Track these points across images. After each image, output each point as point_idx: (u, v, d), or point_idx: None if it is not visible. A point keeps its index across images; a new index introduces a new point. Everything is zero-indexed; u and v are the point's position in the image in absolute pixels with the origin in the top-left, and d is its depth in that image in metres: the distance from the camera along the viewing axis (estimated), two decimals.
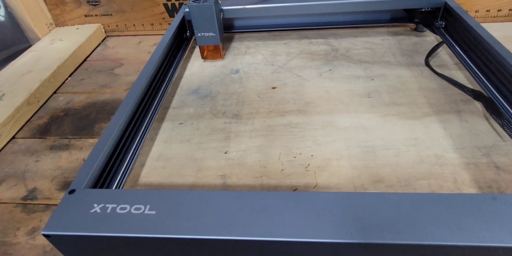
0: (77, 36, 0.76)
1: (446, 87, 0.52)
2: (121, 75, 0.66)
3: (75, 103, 0.59)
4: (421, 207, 0.26)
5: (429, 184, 0.37)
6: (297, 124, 0.47)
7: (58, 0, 0.77)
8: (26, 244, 0.37)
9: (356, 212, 0.27)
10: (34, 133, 0.53)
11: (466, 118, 0.45)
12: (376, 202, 0.27)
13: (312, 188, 0.38)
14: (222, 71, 0.61)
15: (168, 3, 0.75)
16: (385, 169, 0.40)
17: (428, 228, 0.25)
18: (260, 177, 0.40)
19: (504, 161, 0.39)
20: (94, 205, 0.29)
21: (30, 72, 0.63)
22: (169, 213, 0.27)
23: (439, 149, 0.41)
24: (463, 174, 0.38)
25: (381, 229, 0.25)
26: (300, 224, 0.26)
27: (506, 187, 0.36)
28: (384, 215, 0.26)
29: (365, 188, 0.38)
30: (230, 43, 0.70)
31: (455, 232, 0.24)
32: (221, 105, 0.53)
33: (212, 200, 0.28)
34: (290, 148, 0.44)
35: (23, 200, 0.42)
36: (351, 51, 0.63)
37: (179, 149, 0.45)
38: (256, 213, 0.27)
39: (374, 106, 0.49)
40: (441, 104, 0.48)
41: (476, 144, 0.41)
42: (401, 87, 0.53)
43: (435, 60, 0.59)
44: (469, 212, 0.26)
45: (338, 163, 0.41)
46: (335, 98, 0.52)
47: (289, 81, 0.56)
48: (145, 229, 0.26)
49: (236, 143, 0.45)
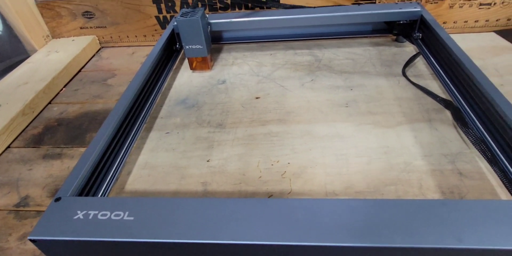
0: (73, 47, 0.79)
1: (421, 96, 0.54)
2: (114, 85, 0.69)
3: (68, 113, 0.62)
4: (377, 212, 0.29)
5: (396, 189, 0.40)
6: (277, 133, 0.50)
7: (55, 13, 0.80)
8: (17, 249, 0.39)
9: (318, 217, 0.29)
10: (28, 142, 0.55)
11: (436, 127, 0.48)
12: (337, 208, 0.30)
13: (286, 194, 0.41)
14: (210, 82, 0.64)
15: (160, 15, 0.78)
16: (356, 176, 0.42)
17: (381, 231, 0.27)
18: (239, 184, 0.42)
19: (468, 167, 0.41)
20: (77, 212, 0.31)
21: (26, 84, 0.66)
22: (146, 219, 0.30)
23: (408, 157, 0.44)
24: (429, 180, 0.40)
25: (337, 232, 0.27)
26: (269, 228, 0.28)
27: (467, 192, 0.38)
28: (342, 220, 0.29)
29: (336, 194, 0.40)
30: (219, 54, 0.73)
31: (405, 235, 0.27)
32: (207, 115, 0.55)
33: (186, 206, 0.31)
34: (268, 156, 0.46)
35: (16, 207, 0.44)
36: (333, 62, 0.66)
37: (164, 157, 0.48)
38: (227, 218, 0.30)
39: (351, 115, 0.52)
40: (414, 113, 0.51)
41: (443, 151, 0.44)
42: (378, 96, 0.55)
43: (413, 70, 0.61)
44: (420, 216, 0.28)
45: (312, 170, 0.43)
46: (315, 108, 0.54)
47: (272, 91, 0.59)
48: (123, 234, 0.29)
49: (218, 152, 0.48)
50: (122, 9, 0.77)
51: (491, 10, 0.71)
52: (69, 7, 0.78)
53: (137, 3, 0.76)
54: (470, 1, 0.70)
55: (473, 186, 0.39)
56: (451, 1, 0.70)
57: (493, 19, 0.72)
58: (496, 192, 0.38)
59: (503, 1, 0.69)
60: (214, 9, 0.76)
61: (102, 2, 0.77)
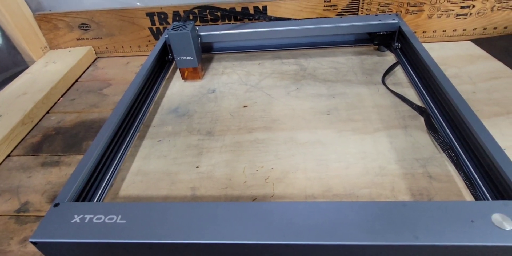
0: (70, 58, 0.82)
1: (398, 104, 0.58)
2: (109, 95, 0.72)
3: (66, 122, 0.65)
4: (345, 213, 0.32)
5: (370, 192, 0.43)
6: (262, 140, 0.53)
7: (52, 26, 0.83)
8: (18, 251, 0.42)
9: (294, 218, 0.32)
10: (28, 151, 0.58)
11: (411, 133, 0.51)
12: (311, 210, 0.33)
13: (269, 198, 0.44)
14: (200, 91, 0.67)
15: (153, 27, 0.81)
16: (335, 180, 0.45)
17: (348, 230, 0.30)
18: (225, 189, 0.46)
19: (437, 171, 0.45)
20: (74, 216, 0.34)
21: (25, 94, 0.69)
22: (137, 222, 0.33)
23: (383, 161, 0.47)
24: (401, 183, 0.44)
25: (309, 232, 0.31)
26: (251, 229, 0.31)
27: (435, 194, 0.42)
28: (314, 220, 0.32)
29: (315, 197, 0.43)
30: (210, 64, 0.76)
31: (367, 233, 0.30)
32: (197, 123, 0.58)
33: (174, 210, 0.34)
34: (254, 162, 0.49)
35: (17, 212, 0.47)
36: (317, 71, 0.69)
37: (156, 164, 0.51)
38: (213, 220, 0.33)
39: (332, 123, 0.55)
40: (391, 119, 0.54)
41: (416, 156, 0.47)
42: (358, 104, 0.58)
43: (392, 78, 0.65)
44: (383, 217, 0.31)
45: (294, 175, 0.46)
46: (299, 116, 0.57)
47: (259, 100, 0.62)
48: (116, 235, 0.32)
49: (207, 158, 0.51)
50: (117, 21, 0.81)
51: (467, 20, 0.74)
52: (66, 19, 0.82)
53: (131, 16, 0.79)
54: (447, 12, 0.74)
55: (441, 188, 0.43)
56: (430, 12, 0.74)
57: (470, 29, 0.76)
58: (462, 194, 0.42)
59: (478, 11, 0.73)
60: (205, 21, 0.80)
61: (98, 14, 0.80)
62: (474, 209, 0.31)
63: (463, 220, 0.30)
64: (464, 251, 0.29)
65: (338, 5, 0.75)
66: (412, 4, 0.74)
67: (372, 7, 0.75)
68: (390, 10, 0.75)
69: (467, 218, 0.30)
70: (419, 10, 0.74)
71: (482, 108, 0.55)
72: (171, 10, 0.78)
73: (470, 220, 0.30)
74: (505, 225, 0.29)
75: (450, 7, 0.73)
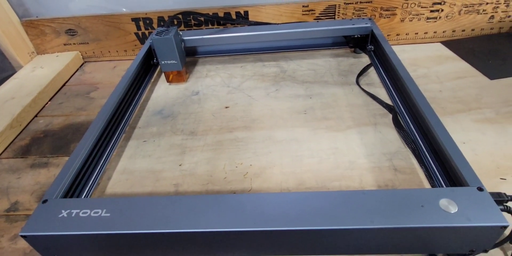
0: (57, 63, 0.84)
1: (370, 103, 0.61)
2: (96, 98, 0.74)
3: (54, 125, 0.67)
4: (311, 202, 0.35)
5: (340, 185, 0.46)
6: (242, 139, 0.56)
7: (39, 31, 0.85)
8: (9, 248, 0.44)
9: (265, 208, 0.35)
10: (17, 153, 0.60)
11: (380, 129, 0.55)
12: (281, 199, 0.36)
13: (247, 192, 0.47)
14: (184, 93, 0.70)
15: (139, 32, 0.84)
16: (308, 174, 0.48)
17: (313, 217, 0.34)
18: (207, 184, 0.48)
19: (402, 164, 0.48)
20: (62, 211, 0.36)
21: (13, 99, 0.71)
22: (120, 215, 0.35)
23: (353, 156, 0.50)
24: (368, 176, 0.47)
25: (278, 219, 0.34)
26: (225, 218, 0.34)
27: (399, 185, 0.45)
28: (284, 209, 0.35)
29: (290, 190, 0.46)
30: (194, 67, 0.79)
31: (329, 219, 0.33)
32: (181, 124, 0.61)
33: (155, 203, 0.37)
34: (233, 159, 0.52)
35: (7, 211, 0.49)
36: (297, 72, 0.72)
37: (141, 163, 0.53)
38: (189, 211, 0.35)
39: (308, 121, 0.58)
40: (362, 117, 0.58)
41: (383, 151, 0.51)
42: (333, 104, 0.62)
43: (366, 79, 0.68)
44: (344, 204, 0.34)
45: (271, 170, 0.49)
46: (277, 115, 0.61)
47: (240, 101, 0.65)
48: (101, 227, 0.34)
49: (189, 157, 0.54)
50: (103, 26, 0.83)
51: (437, 23, 0.79)
52: (52, 25, 0.84)
53: (117, 21, 0.82)
54: (418, 16, 0.78)
55: (405, 179, 0.46)
56: (402, 16, 0.78)
57: (440, 31, 0.80)
58: (423, 184, 0.45)
59: (447, 15, 0.78)
60: (189, 26, 0.83)
61: (84, 20, 0.82)
62: (425, 195, 0.34)
63: (415, 205, 0.33)
64: (414, 233, 0.32)
65: (316, 9, 0.79)
66: (385, 8, 0.78)
67: (348, 12, 0.79)
68: (365, 14, 0.79)
69: (418, 203, 0.34)
70: (392, 14, 0.78)
71: (446, 105, 0.59)
72: (156, 15, 0.81)
73: (420, 205, 0.33)
74: (450, 209, 0.33)
75: (420, 11, 0.77)
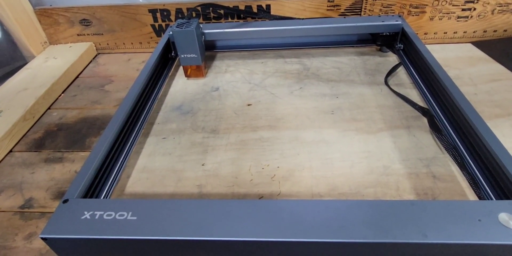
0: (70, 54, 0.81)
1: (401, 104, 0.58)
2: (111, 91, 0.71)
3: (67, 119, 0.64)
4: (354, 211, 0.32)
5: (375, 191, 0.43)
6: (267, 139, 0.53)
7: (52, 21, 0.82)
8: (24, 247, 0.41)
9: (303, 216, 0.32)
10: (30, 147, 0.58)
11: (414, 133, 0.52)
12: (320, 208, 0.33)
13: (276, 196, 0.44)
14: (204, 89, 0.67)
15: (155, 24, 0.81)
16: (340, 178, 0.46)
17: (357, 228, 0.31)
18: (232, 187, 0.46)
19: (441, 171, 0.45)
20: (84, 212, 0.34)
21: (26, 90, 0.68)
22: (147, 219, 0.33)
23: (387, 161, 0.47)
24: (405, 182, 0.44)
25: (318, 230, 0.31)
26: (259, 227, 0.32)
27: (439, 194, 0.43)
28: (324, 218, 0.32)
29: (321, 195, 0.44)
30: (213, 62, 0.76)
31: (377, 231, 0.30)
32: (201, 121, 0.58)
33: (184, 207, 0.34)
34: (259, 161, 0.49)
35: (21, 208, 0.47)
36: (320, 70, 0.69)
37: (161, 161, 0.51)
38: (221, 218, 0.33)
39: (336, 122, 0.55)
40: (394, 120, 0.55)
41: (419, 156, 0.48)
42: (362, 104, 0.59)
43: (395, 79, 0.65)
44: (392, 215, 0.32)
45: (300, 173, 0.47)
46: (303, 115, 0.58)
47: (263, 99, 0.63)
48: (128, 232, 0.32)
49: (212, 156, 0.51)
50: (119, 17, 0.80)
51: (468, 22, 0.76)
52: (66, 15, 0.81)
53: (133, 12, 0.79)
54: (449, 14, 0.75)
55: (445, 188, 0.43)
56: (431, 14, 0.75)
57: (470, 31, 0.77)
58: (465, 193, 0.43)
59: (479, 14, 0.74)
60: (208, 19, 0.79)
61: (99, 10, 0.79)
62: (480, 208, 0.32)
63: (471, 219, 0.31)
64: (472, 250, 0.30)
65: (341, 5, 0.75)
66: (414, 6, 0.74)
67: (375, 8, 0.75)
68: (392, 11, 0.75)
69: (474, 217, 0.31)
70: (421, 12, 0.75)
71: (483, 109, 0.56)
72: (174, 7, 0.78)
73: (477, 219, 0.31)
74: (511, 224, 0.30)
75: (451, 9, 0.74)
